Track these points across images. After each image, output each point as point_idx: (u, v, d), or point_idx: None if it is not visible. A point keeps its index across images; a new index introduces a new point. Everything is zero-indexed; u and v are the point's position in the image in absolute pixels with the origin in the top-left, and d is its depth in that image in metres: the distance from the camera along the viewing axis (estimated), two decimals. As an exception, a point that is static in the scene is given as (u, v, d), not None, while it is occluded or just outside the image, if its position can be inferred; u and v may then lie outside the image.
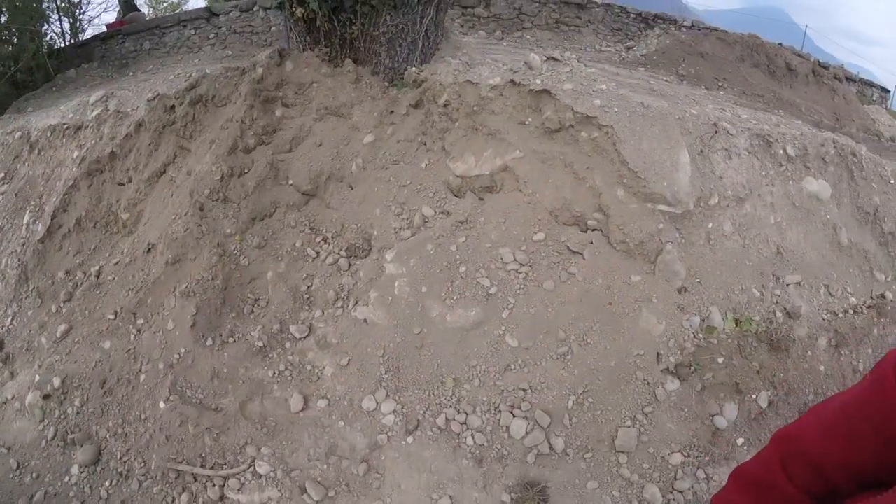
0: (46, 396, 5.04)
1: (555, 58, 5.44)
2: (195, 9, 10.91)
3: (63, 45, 11.33)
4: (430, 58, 6.18)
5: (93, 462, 4.63)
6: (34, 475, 4.69)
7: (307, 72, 5.93)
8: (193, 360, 4.85)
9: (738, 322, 4.59)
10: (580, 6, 10.06)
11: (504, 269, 4.70)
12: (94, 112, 6.98)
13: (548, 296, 4.55)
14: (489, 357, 4.42)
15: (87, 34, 12.03)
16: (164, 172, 6.13)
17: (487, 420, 4.21)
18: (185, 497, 4.33)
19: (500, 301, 4.58)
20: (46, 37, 10.98)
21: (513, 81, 5.16)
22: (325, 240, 5.49)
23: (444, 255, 4.81)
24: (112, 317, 5.35)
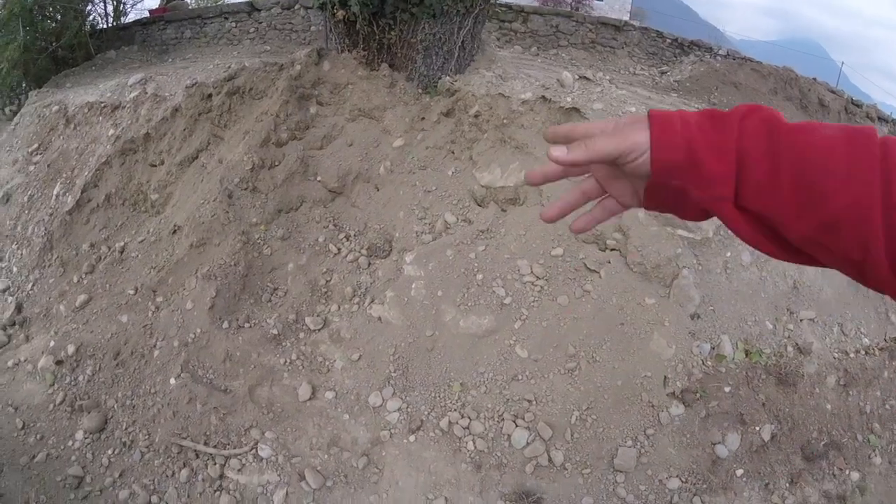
0: (59, 362, 5.17)
1: (587, 77, 5.53)
2: (238, 2, 11.09)
3: (105, 27, 11.58)
4: (465, 68, 6.30)
5: (98, 430, 4.74)
6: (38, 436, 4.80)
7: (344, 73, 6.08)
8: (208, 341, 4.98)
9: (749, 353, 4.61)
10: (617, 28, 10.17)
11: (520, 281, 4.78)
12: (132, 94, 7.19)
13: (561, 310, 4.62)
14: (497, 365, 4.49)
15: (130, 18, 12.36)
16: (197, 158, 6.30)
17: (490, 427, 4.28)
18: (185, 472, 4.43)
19: (514, 311, 4.66)
20: (90, 17, 11.24)
21: (544, 97, 5.26)
22: (348, 237, 5.61)
23: (463, 262, 4.91)
24: (132, 292, 5.49)
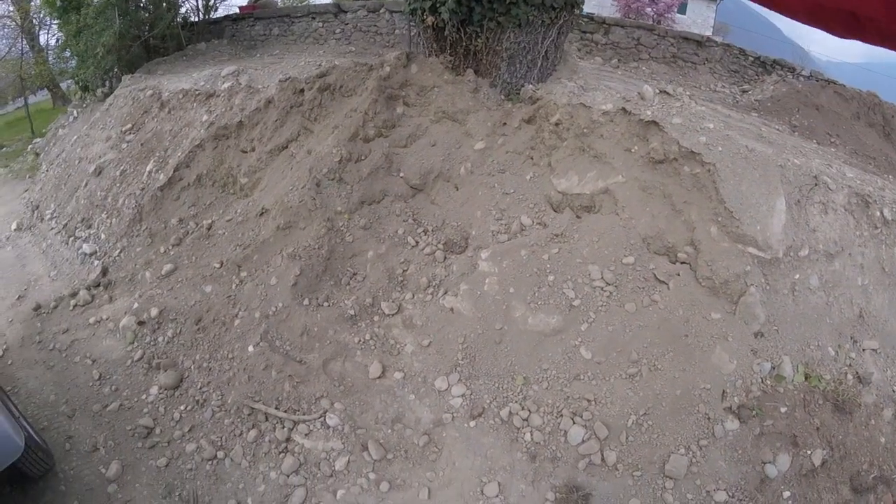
0: (141, 322, 5.58)
1: (667, 92, 5.66)
2: (325, 3, 11.47)
3: (196, 20, 12.22)
4: (547, 77, 6.52)
5: (173, 387, 5.10)
6: (113, 388, 5.18)
7: (430, 76, 6.41)
8: (288, 315, 5.36)
9: (808, 377, 4.66)
10: (699, 43, 10.13)
11: (590, 285, 4.98)
12: (226, 84, 7.71)
13: (628, 317, 4.79)
14: (561, 363, 4.71)
15: (220, 13, 12.95)
16: (287, 148, 6.75)
17: (548, 421, 4.51)
18: (254, 433, 4.75)
19: (582, 314, 4.87)
20: (182, 9, 11.91)
21: (624, 109, 5.43)
22: (426, 231, 5.93)
23: (536, 263, 5.15)
24: (217, 265, 5.93)
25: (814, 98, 8.32)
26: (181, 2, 11.75)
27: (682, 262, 4.96)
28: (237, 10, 12.46)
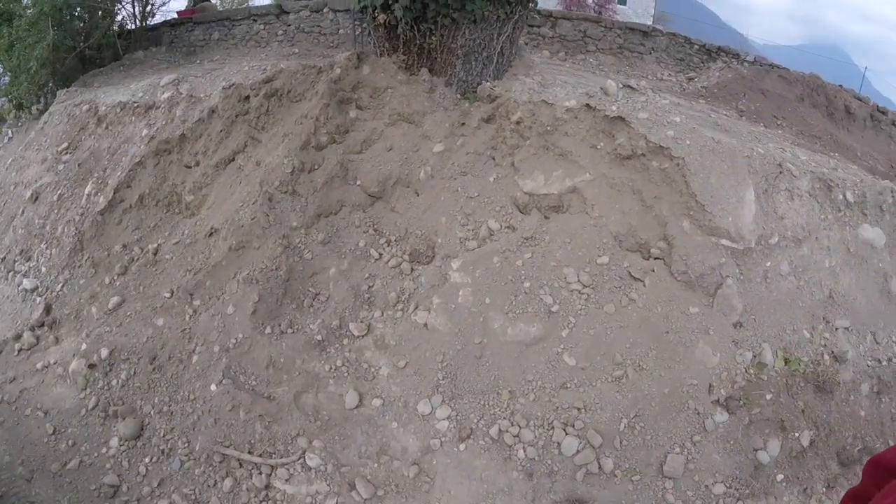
0: (92, 366, 5.12)
1: (630, 86, 5.58)
2: (266, 4, 11.02)
3: (133, 28, 11.52)
4: (503, 74, 6.33)
5: (134, 437, 4.70)
6: (70, 442, 4.77)
7: (383, 77, 6.10)
8: (250, 347, 4.99)
9: (788, 361, 4.73)
10: (645, 34, 10.20)
11: (567, 289, 4.84)
12: (166, 94, 7.17)
13: (608, 319, 4.69)
14: (546, 373, 4.56)
15: (157, 19, 12.26)
16: (233, 160, 6.31)
17: (540, 435, 4.35)
18: (229, 482, 4.42)
19: (562, 319, 4.73)
20: (118, 17, 11.16)
21: (588, 105, 5.31)
22: (389, 242, 5.64)
23: (510, 270, 4.96)
24: (168, 295, 5.49)
25: (759, 83, 8.51)
26: (117, 9, 11.02)
27: (657, 258, 4.90)
28: (175, 16, 11.81)
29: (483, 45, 6.03)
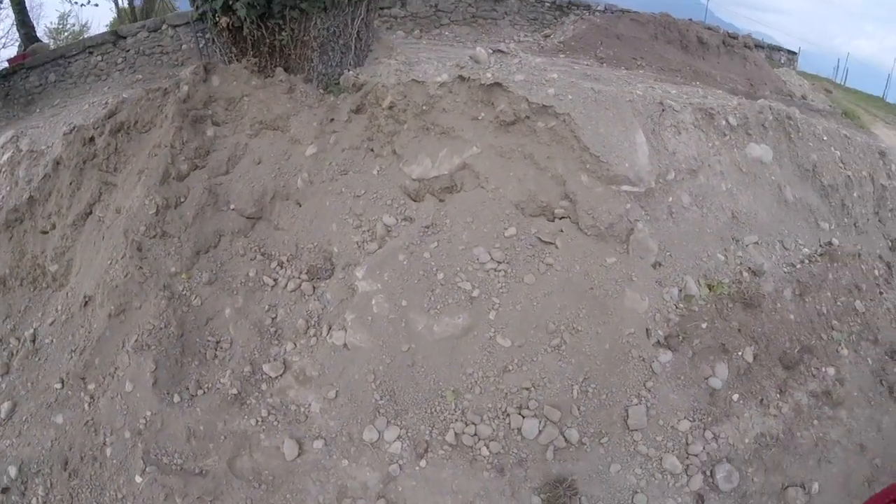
0: (5, 490, 4.48)
1: (501, 50, 5.38)
2: (100, 34, 10.01)
3: None
4: (364, 60, 5.94)
5: None
6: None
7: (236, 85, 5.52)
8: (163, 423, 4.39)
9: (712, 287, 4.78)
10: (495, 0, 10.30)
11: (482, 270, 4.58)
12: (5, 155, 6.31)
13: (530, 290, 4.49)
14: (484, 361, 4.29)
15: None
16: (91, 213, 5.58)
17: (498, 426, 4.09)
18: None
19: (485, 302, 4.46)
20: None
21: (461, 77, 5.04)
22: (281, 265, 5.12)
23: (419, 264, 4.62)
24: (59, 386, 4.78)
25: (613, 29, 8.70)
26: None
27: (563, 218, 4.75)
28: (6, 65, 10.61)
29: (338, 33, 5.61)
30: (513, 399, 4.15)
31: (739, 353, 4.59)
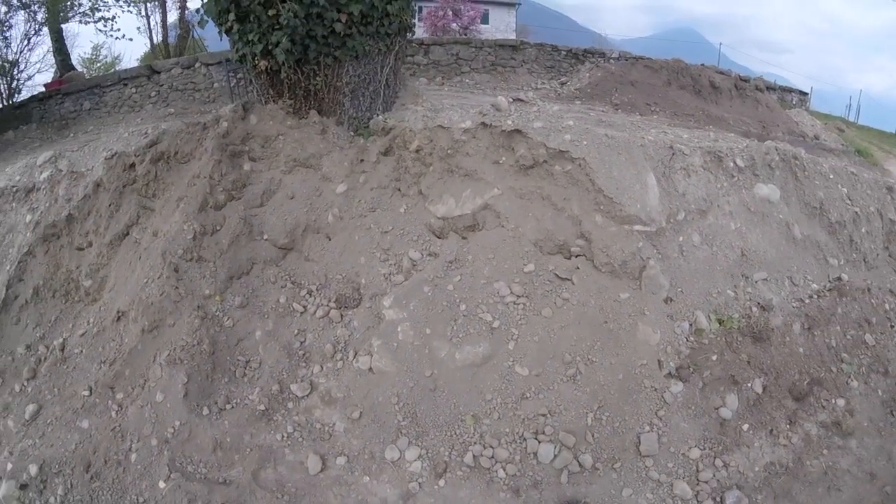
0: (23, 486, 4.62)
1: (521, 99, 5.74)
2: (135, 67, 10.46)
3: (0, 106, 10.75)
4: (392, 105, 6.33)
5: None
6: None
7: (272, 124, 5.92)
8: (191, 433, 4.61)
9: (721, 321, 4.99)
10: (514, 48, 10.68)
11: (502, 303, 4.84)
12: (45, 173, 6.63)
13: (548, 322, 4.74)
14: (503, 389, 4.52)
15: (24, 95, 11.56)
16: (128, 234, 5.90)
17: (514, 450, 4.29)
18: None
19: (504, 333, 4.72)
20: None
21: (484, 123, 5.40)
22: (310, 293, 5.42)
23: (443, 296, 4.89)
24: (87, 393, 5.02)
25: (627, 75, 9.06)
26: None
27: (578, 255, 5.04)
28: (43, 89, 11.08)
29: (368, 80, 6.02)
30: (529, 424, 4.36)
31: (749, 385, 4.77)
